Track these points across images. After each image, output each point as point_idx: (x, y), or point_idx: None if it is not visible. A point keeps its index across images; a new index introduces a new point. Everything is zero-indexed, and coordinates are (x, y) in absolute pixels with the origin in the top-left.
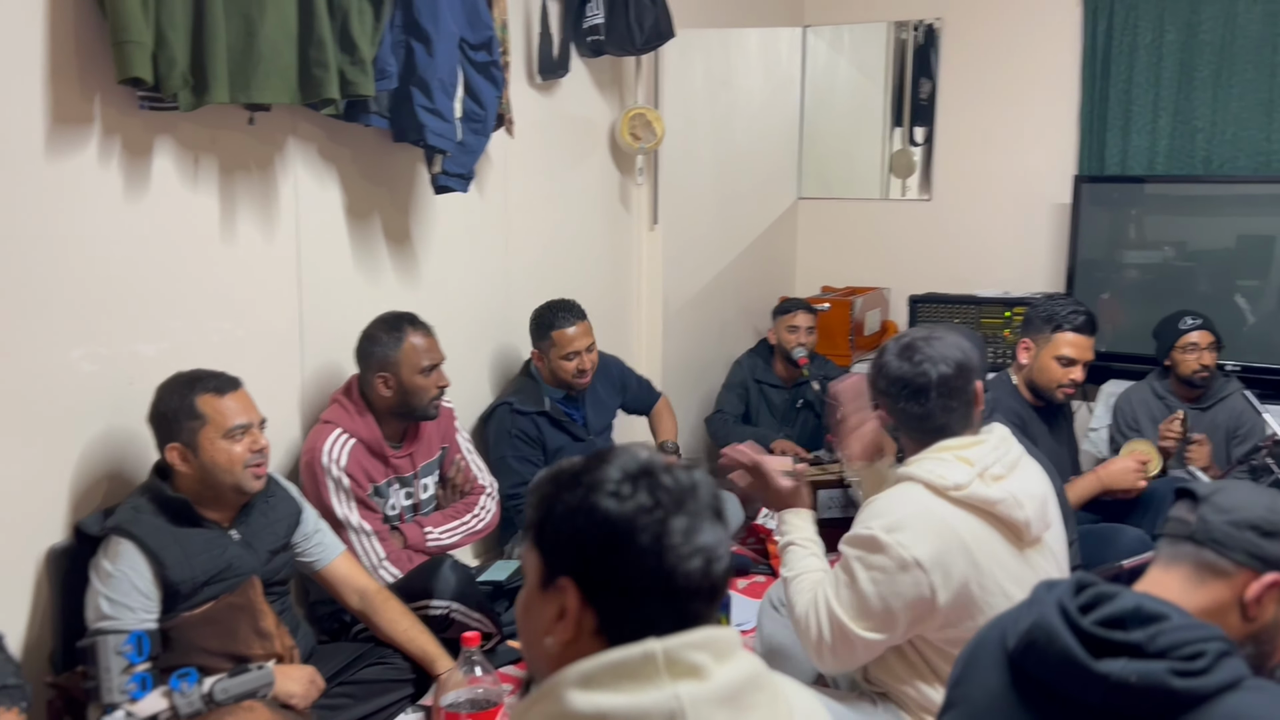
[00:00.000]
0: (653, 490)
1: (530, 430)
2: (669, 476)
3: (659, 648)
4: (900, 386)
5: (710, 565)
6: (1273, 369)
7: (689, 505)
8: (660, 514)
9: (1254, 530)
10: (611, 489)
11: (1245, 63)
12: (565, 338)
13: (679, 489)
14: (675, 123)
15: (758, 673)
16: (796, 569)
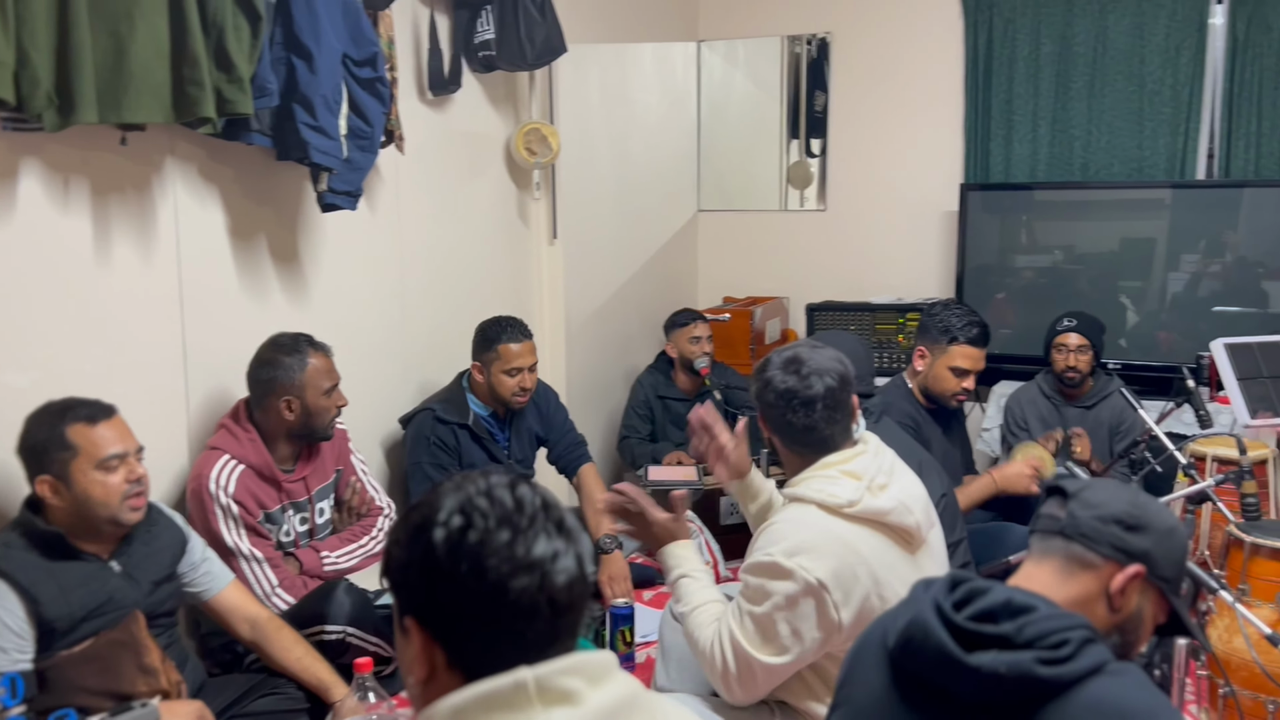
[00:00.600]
0: (467, 513)
1: (449, 440)
2: (486, 497)
3: (530, 676)
4: (788, 400)
5: (546, 579)
6: (1153, 366)
7: (514, 521)
8: (475, 535)
9: (1118, 524)
10: (441, 518)
11: (1116, 73)
12: (510, 353)
13: (503, 507)
14: (571, 137)
15: (634, 695)
16: (692, 602)
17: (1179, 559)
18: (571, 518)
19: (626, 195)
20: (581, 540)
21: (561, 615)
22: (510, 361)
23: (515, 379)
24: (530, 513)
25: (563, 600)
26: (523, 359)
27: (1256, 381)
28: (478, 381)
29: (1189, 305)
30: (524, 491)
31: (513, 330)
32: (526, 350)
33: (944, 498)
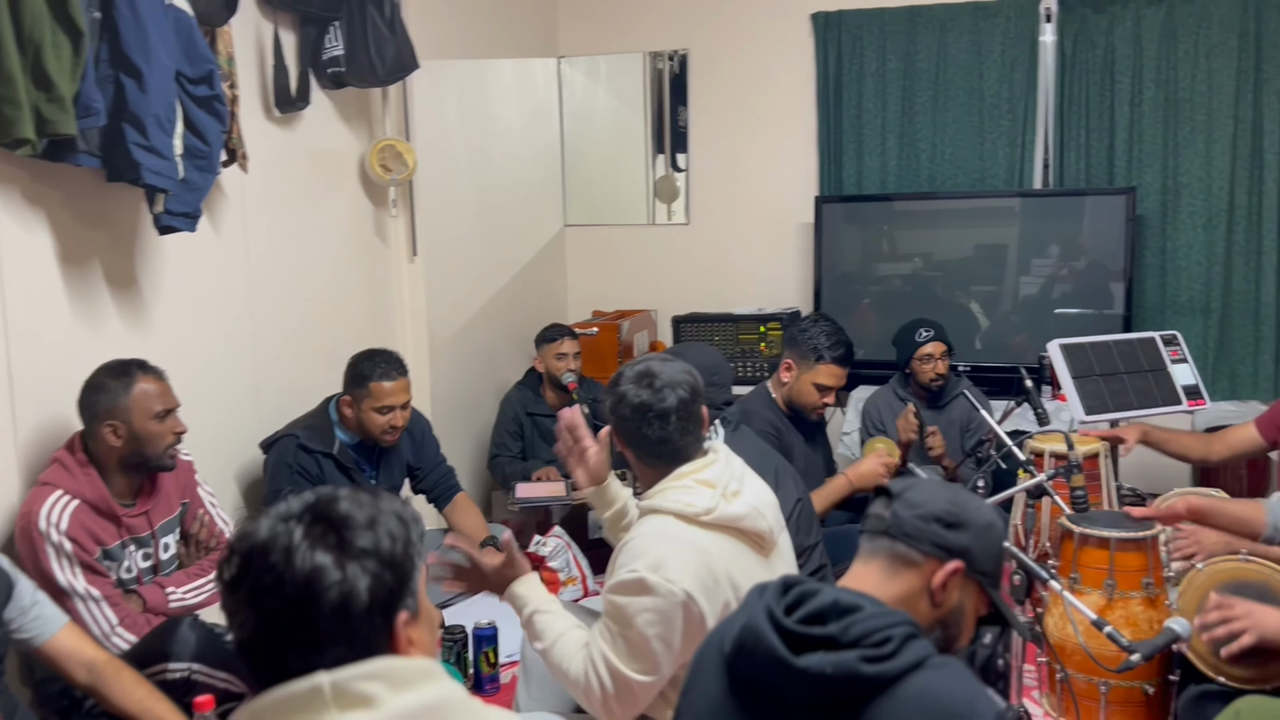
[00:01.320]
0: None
1: (312, 469)
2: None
3: (326, 680)
4: (643, 413)
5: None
6: (1004, 367)
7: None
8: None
9: (938, 522)
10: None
11: (957, 88)
12: (383, 391)
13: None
14: (429, 153)
15: (445, 701)
16: (551, 634)
17: (996, 553)
18: (366, 536)
19: (490, 211)
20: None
21: (348, 622)
22: (382, 400)
23: (386, 417)
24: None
25: (357, 610)
26: (395, 397)
27: (1090, 380)
28: (346, 415)
29: (1037, 308)
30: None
31: (386, 367)
32: (400, 388)
33: (799, 503)
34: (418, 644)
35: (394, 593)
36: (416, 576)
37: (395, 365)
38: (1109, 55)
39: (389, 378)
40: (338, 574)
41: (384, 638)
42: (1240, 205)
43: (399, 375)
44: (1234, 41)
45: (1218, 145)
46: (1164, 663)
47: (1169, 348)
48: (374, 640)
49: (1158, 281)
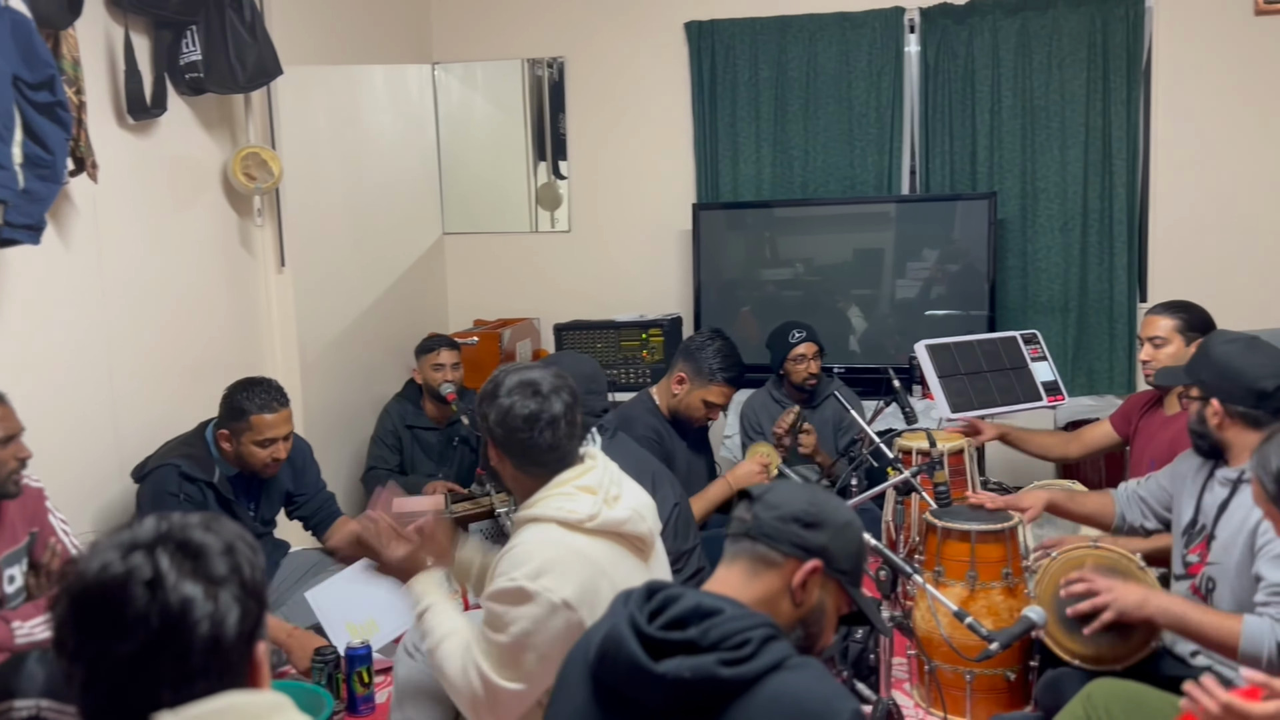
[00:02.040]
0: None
1: (196, 497)
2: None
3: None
4: (533, 423)
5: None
6: (874, 368)
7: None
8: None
9: (797, 522)
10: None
11: (827, 97)
12: (265, 424)
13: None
14: (296, 161)
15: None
16: (438, 633)
17: (855, 552)
18: (225, 563)
19: (363, 219)
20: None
21: (219, 654)
22: (264, 433)
23: (268, 450)
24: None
25: (228, 641)
26: (278, 429)
27: (955, 378)
28: (225, 449)
29: (910, 310)
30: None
31: (266, 398)
32: (282, 420)
33: (676, 508)
34: (267, 675)
35: (257, 621)
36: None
37: (276, 395)
38: (969, 65)
39: (270, 409)
40: (209, 605)
41: (246, 668)
42: (1093, 208)
43: (281, 406)
44: (1083, 53)
45: (1071, 151)
46: (1024, 649)
47: (1029, 346)
48: (240, 671)
49: (1019, 282)
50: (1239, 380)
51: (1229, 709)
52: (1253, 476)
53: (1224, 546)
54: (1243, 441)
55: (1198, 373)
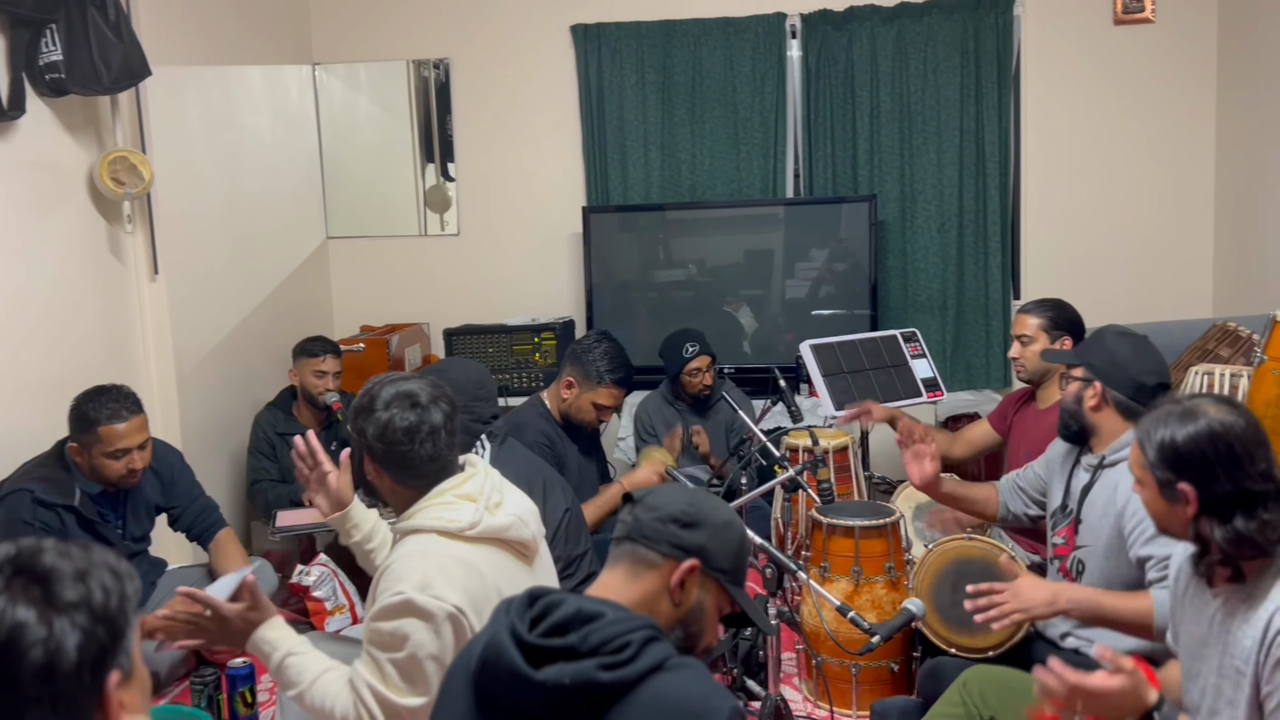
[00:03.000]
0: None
1: (53, 524)
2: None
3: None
4: (413, 434)
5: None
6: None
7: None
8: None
9: (675, 523)
10: None
11: (713, 101)
12: (115, 434)
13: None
14: (169, 165)
15: None
16: (308, 675)
17: (734, 551)
18: (75, 589)
19: (242, 224)
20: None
21: (53, 684)
22: (114, 444)
23: (122, 461)
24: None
25: (64, 670)
26: (129, 439)
27: (839, 377)
28: (79, 463)
29: (799, 309)
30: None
31: (115, 406)
32: (133, 429)
33: (567, 513)
34: (129, 707)
35: (106, 650)
36: (131, 634)
37: (125, 403)
38: (849, 70)
39: (119, 419)
40: (42, 630)
41: (93, 700)
42: (969, 209)
43: (130, 414)
44: (957, 59)
45: (947, 154)
46: (906, 641)
47: (909, 344)
48: (82, 703)
49: (900, 282)
50: (1126, 370)
51: (1075, 689)
52: (1134, 440)
53: (1091, 530)
54: (1111, 428)
55: (1087, 355)
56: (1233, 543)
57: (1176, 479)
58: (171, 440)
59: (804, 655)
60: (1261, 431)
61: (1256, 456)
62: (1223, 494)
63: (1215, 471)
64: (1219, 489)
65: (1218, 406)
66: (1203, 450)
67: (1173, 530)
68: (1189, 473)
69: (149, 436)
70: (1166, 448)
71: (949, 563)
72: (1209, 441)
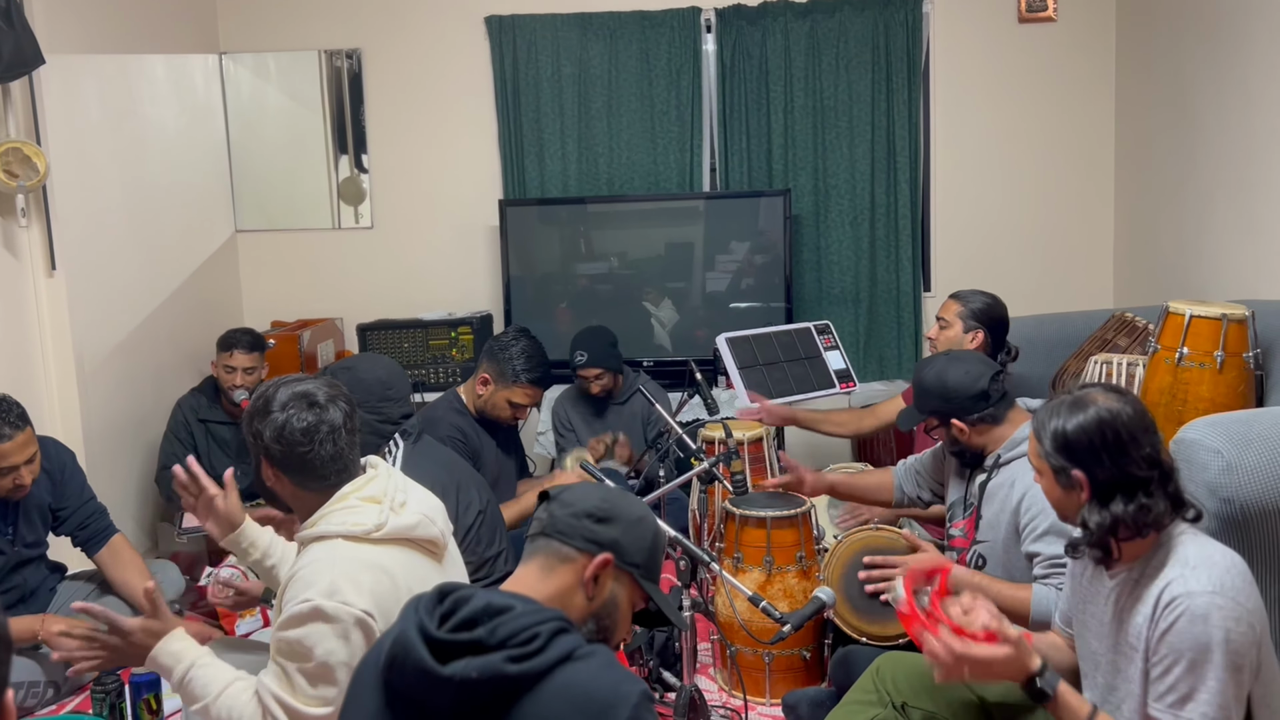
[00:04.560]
0: None
1: None
2: None
3: None
4: (312, 435)
5: None
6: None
7: None
8: None
9: (589, 518)
10: None
11: (630, 95)
12: (0, 454)
13: None
14: (65, 156)
15: None
16: (213, 688)
17: (648, 547)
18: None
19: (146, 218)
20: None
21: None
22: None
23: (8, 478)
24: None
25: None
26: (13, 457)
27: (754, 369)
28: None
29: (718, 302)
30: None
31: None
32: (17, 447)
33: (480, 515)
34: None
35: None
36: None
37: (9, 419)
38: (764, 65)
39: (2, 437)
40: None
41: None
42: (880, 204)
43: (15, 430)
44: (868, 55)
45: (859, 149)
46: (818, 629)
47: (822, 336)
48: None
49: (814, 275)
50: (959, 394)
51: (960, 657)
52: (1030, 434)
53: (990, 525)
54: (994, 437)
55: (925, 405)
56: (1105, 526)
57: (1070, 466)
58: (73, 441)
59: (719, 645)
60: (1148, 418)
61: (1142, 442)
62: (1105, 479)
63: (1101, 457)
64: (1103, 474)
65: (1106, 395)
66: (1090, 437)
67: (1071, 516)
68: (1080, 459)
69: (36, 450)
70: (1058, 436)
71: (857, 552)
72: (1096, 428)
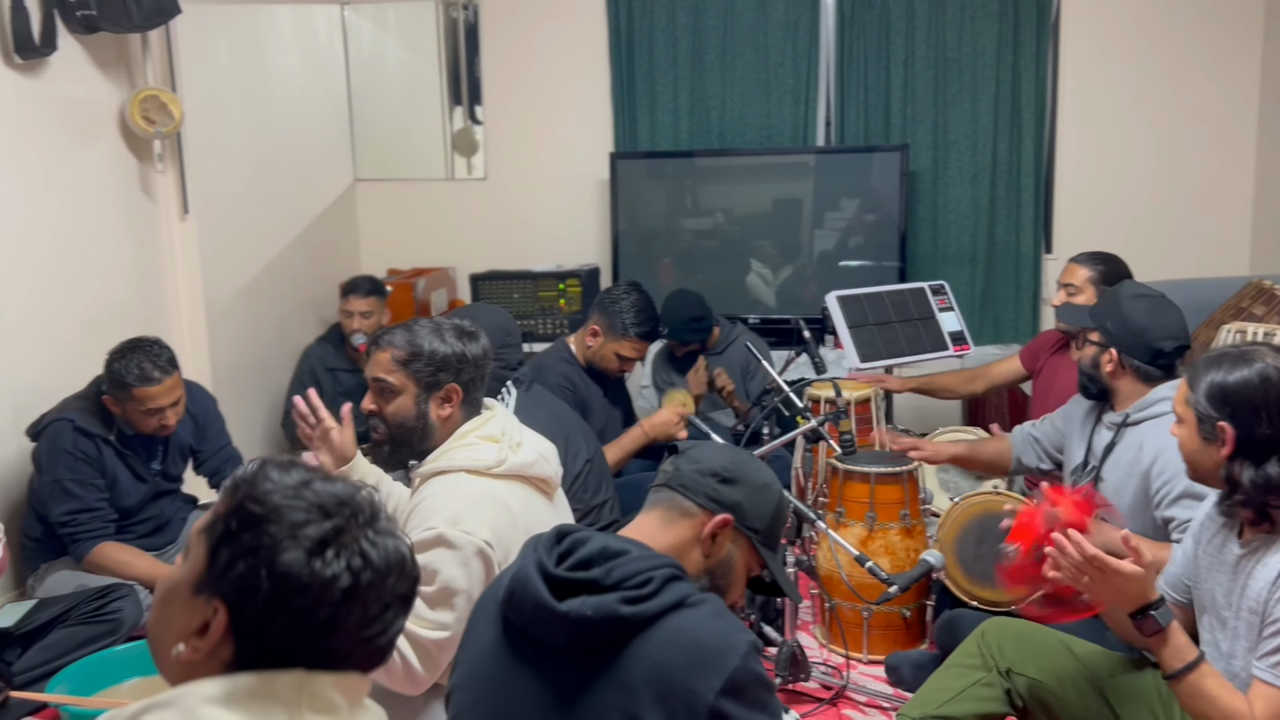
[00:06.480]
0: (352, 561)
1: (92, 453)
2: (374, 544)
3: (307, 680)
4: (475, 365)
5: (373, 651)
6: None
7: (382, 587)
8: (350, 592)
9: (714, 477)
10: (309, 544)
11: (744, 46)
12: (147, 395)
13: (383, 565)
14: (198, 104)
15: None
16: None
17: (770, 513)
18: (415, 582)
19: (271, 165)
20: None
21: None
22: (146, 404)
23: (155, 419)
24: (400, 581)
25: (381, 658)
26: (162, 399)
27: (865, 329)
28: (115, 412)
29: (827, 260)
30: (402, 549)
31: (148, 367)
32: (166, 390)
33: (588, 463)
34: None
35: None
36: None
37: (158, 363)
38: (885, 16)
39: (150, 381)
40: None
41: None
42: (1002, 161)
43: (164, 375)
44: (995, 6)
45: (982, 103)
46: (921, 589)
47: (937, 297)
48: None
49: (930, 234)
50: (1141, 336)
51: (1091, 559)
52: (1181, 381)
53: (1114, 489)
54: (1131, 391)
55: (1102, 320)
56: (1261, 487)
57: (1218, 417)
58: (201, 379)
59: (819, 601)
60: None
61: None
62: (1262, 438)
63: (1260, 414)
64: (1260, 431)
65: (1275, 354)
66: (1251, 392)
67: (1202, 470)
68: (1232, 412)
69: (182, 394)
70: (1215, 386)
71: (974, 517)
72: (1260, 384)
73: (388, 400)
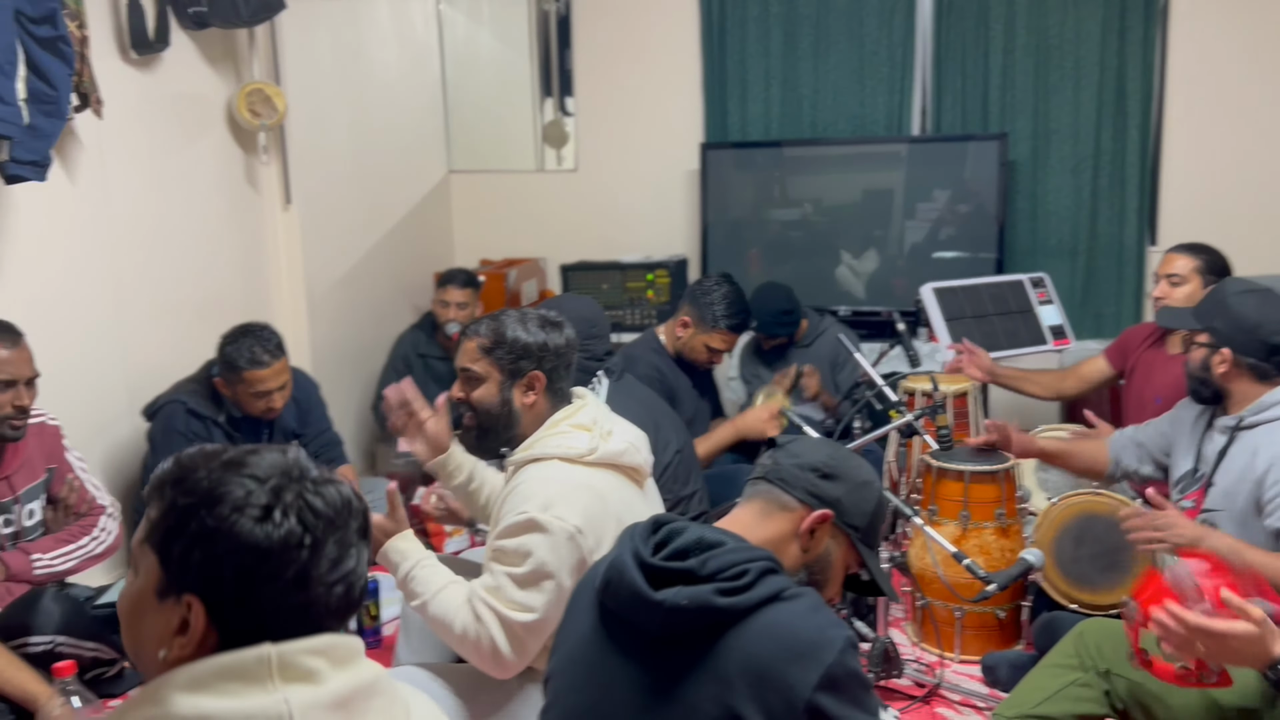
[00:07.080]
0: (302, 515)
1: (203, 434)
2: (318, 494)
3: (273, 652)
4: (571, 348)
5: (350, 590)
6: (877, 312)
7: (338, 530)
8: (310, 543)
9: (814, 472)
10: (256, 513)
11: (839, 34)
12: (257, 378)
13: (330, 510)
14: (300, 97)
15: (376, 680)
16: (432, 586)
17: (870, 511)
18: (369, 519)
19: (368, 157)
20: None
21: (348, 617)
22: (256, 386)
23: (263, 401)
24: (353, 518)
25: (357, 605)
26: (271, 382)
27: (961, 321)
28: (225, 394)
29: (918, 252)
30: (345, 490)
31: (258, 351)
32: (274, 373)
33: (678, 454)
34: None
35: None
36: None
37: (268, 347)
38: (984, 2)
39: (261, 364)
40: None
41: None
42: (1105, 151)
43: (273, 359)
44: None
45: (1085, 92)
46: (1017, 590)
47: (1036, 289)
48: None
49: (1029, 225)
50: (1255, 333)
51: (1196, 630)
52: None
53: (1225, 494)
54: (1245, 392)
55: (1209, 319)
56: None
57: None
58: (301, 364)
59: (910, 598)
60: None
61: None
62: None
63: None
64: None
65: None
66: None
67: None
68: None
69: (288, 378)
70: None
71: (1074, 518)
72: None
73: (473, 387)
